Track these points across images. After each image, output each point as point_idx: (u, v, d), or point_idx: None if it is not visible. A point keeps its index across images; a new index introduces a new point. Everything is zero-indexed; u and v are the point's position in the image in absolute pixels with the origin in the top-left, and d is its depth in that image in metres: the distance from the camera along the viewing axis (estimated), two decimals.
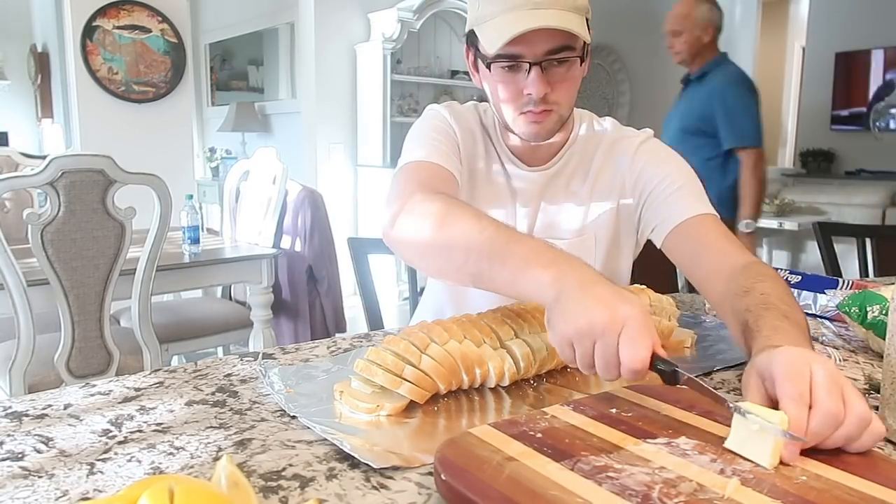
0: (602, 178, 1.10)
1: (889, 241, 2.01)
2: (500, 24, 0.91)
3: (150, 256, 1.95)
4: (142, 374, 0.82)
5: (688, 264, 0.99)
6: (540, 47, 0.92)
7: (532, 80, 0.94)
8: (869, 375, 0.83)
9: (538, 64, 0.93)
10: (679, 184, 1.03)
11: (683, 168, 1.07)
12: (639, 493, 0.48)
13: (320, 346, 0.94)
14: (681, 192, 1.03)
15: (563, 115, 1.01)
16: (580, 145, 1.11)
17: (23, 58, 6.31)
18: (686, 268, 1.00)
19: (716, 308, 0.90)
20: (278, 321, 2.71)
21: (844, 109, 6.43)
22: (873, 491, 0.48)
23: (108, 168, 1.78)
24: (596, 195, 1.10)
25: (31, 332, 1.81)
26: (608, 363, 0.63)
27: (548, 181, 1.09)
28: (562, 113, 1.01)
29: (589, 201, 1.10)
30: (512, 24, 0.90)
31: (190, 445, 0.62)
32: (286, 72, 5.36)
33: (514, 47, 0.92)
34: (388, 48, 4.39)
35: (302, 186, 2.72)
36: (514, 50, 0.93)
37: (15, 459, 0.59)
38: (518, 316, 0.81)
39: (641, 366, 0.61)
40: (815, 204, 4.62)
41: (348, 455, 0.60)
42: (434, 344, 0.73)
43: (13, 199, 2.83)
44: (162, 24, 3.64)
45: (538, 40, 0.92)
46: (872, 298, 0.93)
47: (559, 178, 1.10)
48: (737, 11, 6.96)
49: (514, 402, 0.74)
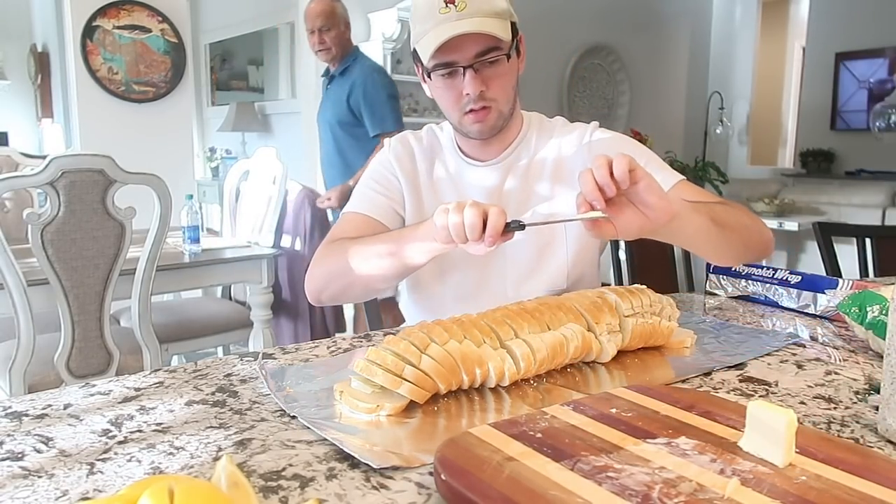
0: (562, 167, 1.16)
1: (889, 241, 2.01)
2: (430, 37, 1.04)
3: (150, 256, 1.95)
4: (142, 374, 0.82)
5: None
6: (469, 52, 1.05)
7: (467, 81, 1.06)
8: (869, 375, 0.83)
9: (471, 66, 1.05)
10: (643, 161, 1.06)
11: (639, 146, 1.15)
12: (639, 493, 0.48)
13: (320, 346, 0.94)
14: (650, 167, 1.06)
15: (502, 110, 1.12)
16: (532, 139, 1.18)
17: (23, 58, 6.31)
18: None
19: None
20: (278, 321, 2.71)
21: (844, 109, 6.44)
22: (873, 491, 0.48)
23: (108, 168, 1.78)
24: (558, 184, 1.15)
25: (31, 332, 1.81)
26: (474, 224, 0.82)
27: (503, 174, 1.17)
28: (501, 108, 1.11)
29: (551, 190, 1.16)
30: (438, 35, 1.03)
31: (190, 445, 0.62)
32: (286, 72, 5.35)
33: (447, 55, 1.04)
34: (388, 48, 4.39)
35: (302, 186, 2.72)
36: (448, 58, 1.05)
37: (15, 459, 0.59)
38: (518, 316, 0.81)
39: (501, 220, 0.82)
40: (815, 204, 4.62)
41: (348, 455, 0.60)
42: (434, 344, 0.73)
43: (13, 199, 2.83)
44: (162, 24, 3.64)
45: (466, 46, 1.04)
46: (872, 298, 0.93)
47: (515, 170, 1.17)
48: (737, 11, 6.97)
49: (514, 402, 0.74)
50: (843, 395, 0.76)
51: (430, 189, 1.20)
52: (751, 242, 1.05)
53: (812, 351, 0.93)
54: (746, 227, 1.03)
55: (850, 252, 2.01)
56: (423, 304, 1.23)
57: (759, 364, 0.87)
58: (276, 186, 2.64)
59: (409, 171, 1.20)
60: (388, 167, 1.21)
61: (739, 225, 1.02)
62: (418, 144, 1.22)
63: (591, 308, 0.85)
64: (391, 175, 1.20)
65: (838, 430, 0.67)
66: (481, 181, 1.17)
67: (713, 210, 0.98)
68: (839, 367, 0.86)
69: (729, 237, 1.00)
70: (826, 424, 0.68)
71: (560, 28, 5.57)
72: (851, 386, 0.79)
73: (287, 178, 2.66)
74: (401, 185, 1.19)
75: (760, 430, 0.53)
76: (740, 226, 1.02)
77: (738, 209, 1.05)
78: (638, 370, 0.85)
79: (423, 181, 1.20)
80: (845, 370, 0.85)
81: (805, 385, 0.79)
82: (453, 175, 1.19)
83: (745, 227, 1.03)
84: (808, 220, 4.17)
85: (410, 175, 1.20)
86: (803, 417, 0.70)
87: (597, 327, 0.84)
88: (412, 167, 1.20)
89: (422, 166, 1.21)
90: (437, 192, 1.19)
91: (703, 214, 0.95)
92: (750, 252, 1.07)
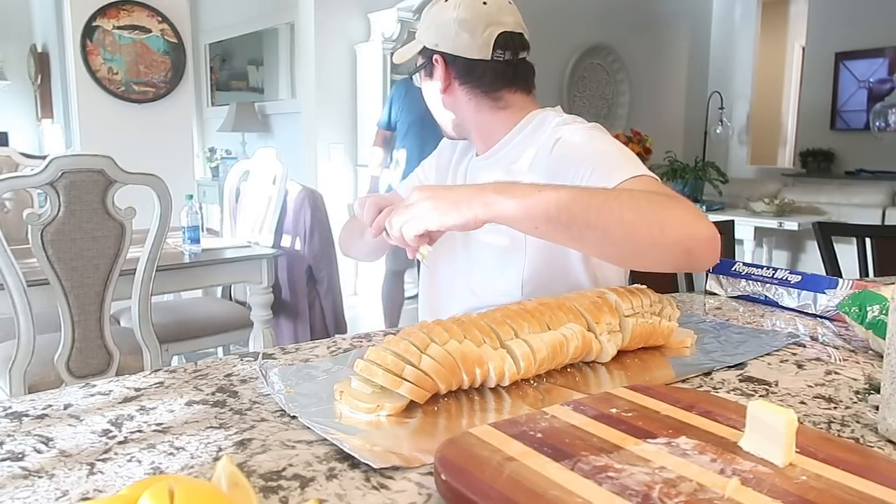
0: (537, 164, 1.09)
1: (889, 241, 2.01)
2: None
3: (150, 256, 1.95)
4: (142, 374, 0.82)
5: None
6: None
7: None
8: (869, 375, 0.83)
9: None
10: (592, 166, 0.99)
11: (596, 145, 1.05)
12: (639, 493, 0.48)
13: (320, 346, 0.94)
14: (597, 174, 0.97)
15: (438, 120, 1.23)
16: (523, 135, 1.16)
17: (23, 58, 6.31)
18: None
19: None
20: (278, 321, 2.71)
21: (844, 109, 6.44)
22: (873, 491, 0.48)
23: (108, 168, 1.78)
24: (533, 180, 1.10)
25: (31, 332, 1.81)
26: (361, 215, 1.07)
27: (493, 168, 1.18)
28: (440, 120, 1.23)
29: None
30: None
31: (190, 445, 0.62)
32: (286, 72, 5.36)
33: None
34: (388, 48, 4.39)
35: (302, 186, 2.72)
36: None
37: (15, 459, 0.59)
38: (518, 316, 0.80)
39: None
40: (815, 204, 4.62)
41: (348, 455, 0.60)
42: (434, 344, 0.73)
43: (13, 199, 2.83)
44: (162, 24, 3.64)
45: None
46: (872, 298, 0.93)
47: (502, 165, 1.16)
48: (737, 11, 6.97)
49: (514, 402, 0.74)
50: (843, 394, 0.76)
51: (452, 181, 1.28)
52: (633, 242, 0.83)
53: (812, 351, 0.93)
54: (629, 222, 0.81)
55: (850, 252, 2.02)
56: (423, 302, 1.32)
57: (759, 364, 0.87)
58: (276, 186, 2.64)
59: (445, 164, 1.31)
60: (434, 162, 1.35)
61: (604, 224, 0.82)
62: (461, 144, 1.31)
63: (591, 308, 0.85)
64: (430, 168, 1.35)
65: (838, 429, 0.67)
66: (475, 174, 1.21)
67: (573, 204, 0.81)
68: (839, 367, 0.86)
69: (579, 236, 0.84)
70: (826, 424, 0.68)
71: (560, 28, 5.57)
72: (851, 386, 0.79)
73: (287, 178, 2.66)
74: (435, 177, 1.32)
75: (760, 429, 0.53)
76: (605, 225, 0.82)
77: (633, 204, 0.83)
78: (638, 370, 0.85)
79: (450, 174, 1.29)
80: (845, 370, 0.85)
81: (805, 385, 0.79)
82: (467, 170, 1.25)
83: (628, 221, 0.81)
84: (808, 220, 4.17)
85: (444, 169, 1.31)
86: (803, 417, 0.70)
87: (597, 327, 0.84)
88: (448, 161, 1.31)
89: (452, 164, 1.30)
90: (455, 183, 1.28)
91: (535, 215, 0.81)
92: (624, 256, 0.91)
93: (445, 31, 1.12)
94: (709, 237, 0.83)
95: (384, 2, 4.50)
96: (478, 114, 1.17)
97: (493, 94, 1.15)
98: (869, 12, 6.15)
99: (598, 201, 0.82)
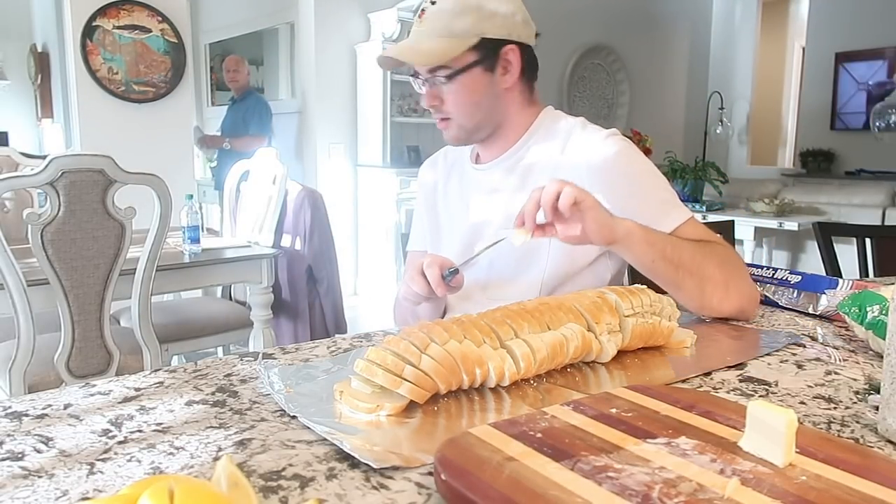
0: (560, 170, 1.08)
1: (889, 241, 2.01)
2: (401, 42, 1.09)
3: (150, 256, 1.95)
4: (142, 374, 0.82)
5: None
6: (419, 67, 1.08)
7: (424, 94, 1.10)
8: (869, 375, 0.83)
9: (426, 80, 1.08)
10: (640, 198, 1.05)
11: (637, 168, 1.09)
12: (639, 493, 0.47)
13: (320, 346, 0.94)
14: (651, 208, 1.05)
15: (462, 124, 1.10)
16: (537, 139, 1.14)
17: (23, 58, 6.30)
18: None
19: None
20: (278, 321, 2.71)
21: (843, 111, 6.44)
22: (873, 491, 0.48)
23: (108, 168, 1.78)
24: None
25: (31, 332, 1.81)
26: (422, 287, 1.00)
27: (504, 173, 1.15)
28: (460, 122, 1.10)
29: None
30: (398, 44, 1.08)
31: (190, 445, 0.62)
32: (286, 72, 5.36)
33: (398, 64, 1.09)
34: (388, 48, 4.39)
35: (302, 186, 2.72)
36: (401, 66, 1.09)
37: (15, 459, 0.59)
38: (518, 316, 0.80)
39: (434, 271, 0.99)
40: (815, 204, 4.62)
41: (348, 455, 0.60)
42: (434, 344, 0.73)
43: (13, 199, 2.83)
44: (162, 24, 3.64)
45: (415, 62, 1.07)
46: (872, 298, 0.93)
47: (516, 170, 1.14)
48: (737, 11, 6.98)
49: (514, 402, 0.74)
50: (843, 395, 0.76)
51: (443, 198, 1.25)
52: (712, 294, 1.00)
53: (812, 351, 0.93)
54: (710, 278, 0.99)
55: (850, 252, 2.02)
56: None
57: (759, 364, 0.87)
58: (276, 186, 2.64)
59: (430, 188, 1.28)
60: (419, 194, 1.31)
61: (701, 273, 0.98)
62: (444, 161, 1.27)
63: (591, 308, 0.85)
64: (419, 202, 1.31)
65: (838, 430, 0.67)
66: (482, 181, 1.18)
67: (679, 249, 0.97)
68: (839, 367, 0.86)
69: (681, 279, 0.98)
70: (826, 424, 0.68)
71: (560, 28, 5.57)
72: (851, 386, 0.79)
73: (287, 178, 2.66)
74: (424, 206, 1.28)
75: (760, 430, 0.53)
76: (702, 274, 0.98)
77: (720, 261, 1.00)
78: (638, 370, 0.85)
79: (440, 193, 1.26)
80: (845, 370, 0.85)
81: (805, 385, 0.79)
82: (462, 181, 1.21)
83: (709, 277, 0.99)
84: (808, 220, 4.17)
85: (430, 192, 1.28)
86: (803, 417, 0.70)
87: (597, 327, 0.84)
88: (433, 183, 1.27)
89: (440, 180, 1.26)
90: (447, 200, 1.23)
91: (655, 249, 0.96)
92: (711, 304, 1.02)
93: (511, 20, 1.06)
94: (757, 301, 1.05)
95: (384, 2, 4.51)
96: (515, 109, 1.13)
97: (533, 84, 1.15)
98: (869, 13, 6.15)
99: (702, 252, 0.98)
